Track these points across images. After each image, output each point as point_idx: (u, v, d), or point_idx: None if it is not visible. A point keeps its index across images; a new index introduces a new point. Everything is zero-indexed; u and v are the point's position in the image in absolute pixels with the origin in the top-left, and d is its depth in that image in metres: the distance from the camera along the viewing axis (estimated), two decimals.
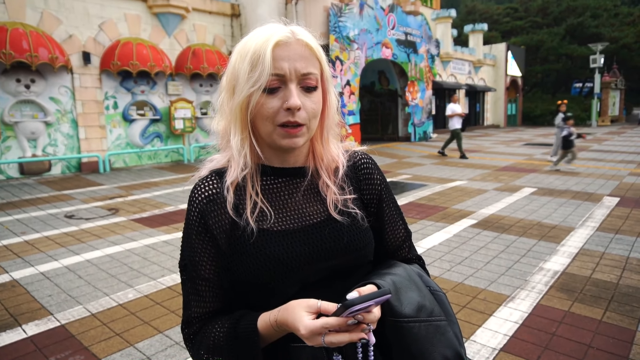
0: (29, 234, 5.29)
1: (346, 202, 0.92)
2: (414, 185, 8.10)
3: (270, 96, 0.82)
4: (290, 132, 0.83)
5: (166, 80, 11.71)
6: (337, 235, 0.88)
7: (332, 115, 0.92)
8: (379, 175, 1.00)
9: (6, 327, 2.95)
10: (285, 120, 0.82)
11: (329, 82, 0.89)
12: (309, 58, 0.84)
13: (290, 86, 0.81)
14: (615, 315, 2.96)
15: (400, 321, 0.81)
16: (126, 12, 10.90)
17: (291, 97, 0.81)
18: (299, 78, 0.82)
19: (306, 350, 0.82)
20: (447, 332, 0.86)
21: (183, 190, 7.92)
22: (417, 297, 0.86)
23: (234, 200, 0.87)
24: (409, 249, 1.03)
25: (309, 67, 0.83)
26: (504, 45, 28.09)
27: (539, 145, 15.53)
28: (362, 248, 0.90)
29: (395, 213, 1.01)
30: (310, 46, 0.84)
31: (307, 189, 0.92)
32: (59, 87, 9.92)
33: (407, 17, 16.07)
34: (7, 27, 8.65)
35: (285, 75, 0.81)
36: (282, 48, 0.81)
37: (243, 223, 0.85)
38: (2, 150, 9.27)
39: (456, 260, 4.13)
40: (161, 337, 2.80)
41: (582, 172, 9.17)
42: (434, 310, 0.86)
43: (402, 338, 0.82)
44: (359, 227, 0.91)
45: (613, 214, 5.69)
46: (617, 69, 32.34)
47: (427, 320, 0.84)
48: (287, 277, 0.83)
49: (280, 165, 0.91)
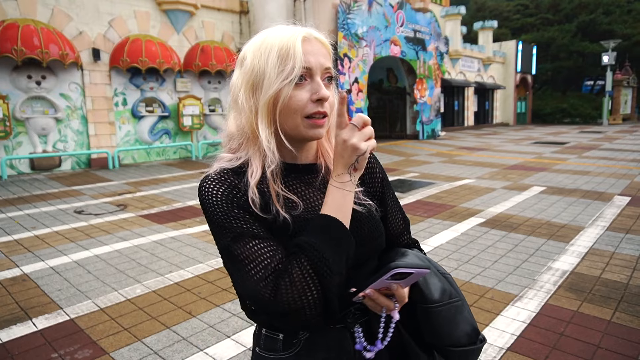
0: (39, 228, 5.35)
1: (358, 195, 0.94)
2: (422, 183, 8.07)
3: (298, 89, 0.85)
4: (317, 122, 0.87)
5: (175, 77, 11.76)
6: (359, 226, 0.91)
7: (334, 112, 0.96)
8: (379, 168, 1.05)
9: (17, 321, 2.99)
10: (315, 111, 0.86)
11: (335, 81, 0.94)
12: (326, 55, 0.89)
13: (317, 79, 0.86)
14: (625, 316, 2.92)
15: (430, 307, 0.90)
16: (136, 9, 10.96)
17: (321, 89, 0.85)
18: (322, 72, 0.87)
19: (330, 332, 0.91)
20: (464, 310, 0.95)
21: (191, 187, 7.97)
22: (439, 282, 0.94)
23: (258, 200, 0.86)
24: (408, 235, 1.10)
25: (328, 62, 0.89)
26: (514, 42, 27.81)
27: (549, 143, 15.38)
28: (379, 237, 0.96)
29: (394, 203, 1.07)
30: (326, 45, 0.90)
31: (320, 184, 0.95)
32: (69, 83, 10.01)
33: (416, 14, 15.96)
34: (18, 24, 8.74)
35: (312, 68, 0.85)
36: (307, 43, 0.86)
37: (273, 213, 0.86)
38: (14, 145, 9.39)
39: (464, 259, 4.11)
40: (168, 333, 2.82)
41: (592, 171, 9.07)
42: (452, 293, 0.95)
43: (432, 320, 0.91)
44: (374, 217, 0.96)
45: (624, 214, 5.62)
46: (630, 66, 31.87)
47: (449, 303, 0.93)
48: None
49: (292, 161, 0.94)
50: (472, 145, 14.88)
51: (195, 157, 12.22)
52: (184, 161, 11.75)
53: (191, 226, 5.37)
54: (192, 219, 5.69)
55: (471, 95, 24.61)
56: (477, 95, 25.50)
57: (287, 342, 0.92)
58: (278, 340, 0.93)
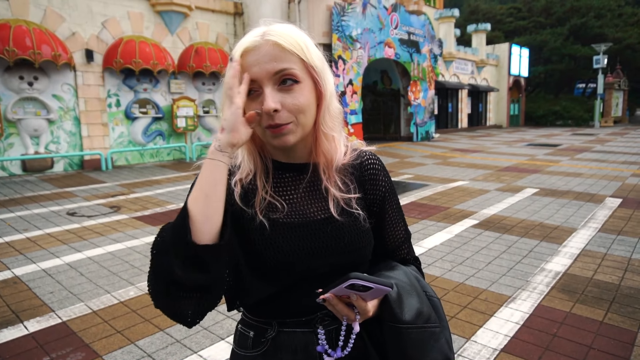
0: (31, 230, 5.30)
1: (350, 202, 0.92)
2: (416, 185, 8.09)
3: (251, 101, 0.83)
4: (275, 132, 0.83)
5: (169, 79, 11.72)
6: (339, 235, 0.89)
7: (328, 105, 0.89)
8: (385, 177, 0.99)
9: (8, 324, 2.96)
10: (267, 123, 0.83)
11: (319, 72, 0.86)
12: (279, 55, 0.82)
13: (265, 90, 0.81)
14: (617, 317, 2.95)
15: (398, 327, 0.84)
16: (129, 10, 10.91)
17: (265, 101, 0.81)
18: (273, 79, 0.82)
19: (297, 334, 0.90)
20: (440, 339, 0.89)
21: (185, 189, 7.93)
22: (417, 303, 0.88)
23: (242, 192, 0.90)
24: (407, 250, 1.04)
25: (282, 64, 0.81)
26: (507, 45, 28.02)
27: (542, 145, 15.50)
28: (362, 248, 0.92)
29: (396, 214, 1.01)
30: (279, 44, 0.82)
31: (309, 185, 0.93)
32: (61, 84, 9.94)
33: (410, 16, 16.04)
34: (10, 25, 8.67)
35: (257, 79, 0.81)
36: (250, 54, 0.82)
37: (252, 211, 0.88)
38: (5, 147, 9.30)
39: (457, 260, 4.12)
40: (162, 335, 2.80)
41: (584, 173, 9.15)
42: (431, 317, 0.89)
43: (399, 341, 0.85)
44: (359, 227, 0.92)
45: (615, 215, 5.67)
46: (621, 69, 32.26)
47: (423, 327, 0.87)
48: (286, 267, 0.86)
49: (286, 160, 0.93)
50: (465, 147, 14.95)
51: (189, 158, 12.17)
52: (177, 163, 11.70)
53: None
54: None
55: (465, 98, 24.73)
56: (470, 98, 25.63)
57: (256, 340, 0.93)
58: (249, 337, 0.94)
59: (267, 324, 0.92)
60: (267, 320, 0.93)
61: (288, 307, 0.91)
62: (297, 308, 0.90)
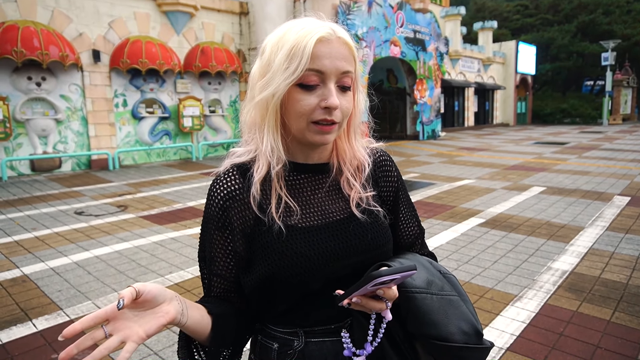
0: (39, 230, 5.36)
1: (368, 200, 0.92)
2: (422, 183, 8.07)
3: (307, 93, 0.81)
4: (324, 129, 0.83)
5: (175, 78, 11.77)
6: (362, 233, 0.89)
7: (359, 114, 0.92)
8: (396, 172, 1.01)
9: (17, 322, 3.00)
10: (322, 118, 0.81)
11: (359, 82, 0.89)
12: (347, 57, 0.83)
13: (330, 85, 0.81)
14: (624, 316, 2.93)
15: (411, 291, 0.83)
16: (136, 10, 10.97)
17: (331, 97, 0.80)
18: (338, 77, 0.82)
19: (326, 344, 0.88)
20: (461, 306, 0.87)
21: (191, 188, 7.97)
22: (426, 274, 0.87)
23: (259, 197, 0.86)
24: (421, 245, 1.04)
25: (348, 65, 0.83)
26: (514, 42, 27.83)
27: (549, 144, 15.38)
28: (384, 245, 0.91)
29: (409, 210, 1.02)
30: (349, 45, 0.84)
31: (330, 185, 0.93)
32: (69, 84, 10.02)
33: (415, 14, 15.97)
34: (18, 26, 8.75)
35: (326, 72, 0.80)
36: (324, 45, 0.80)
37: (268, 219, 0.85)
38: (14, 147, 9.40)
39: (463, 259, 4.11)
40: (168, 333, 2.82)
41: (592, 171, 9.07)
42: (444, 287, 0.88)
43: (416, 308, 0.83)
44: (381, 224, 0.92)
45: (623, 214, 5.62)
46: (629, 66, 31.86)
47: (438, 294, 0.85)
48: (313, 273, 0.83)
49: (304, 161, 0.91)
50: (472, 146, 14.88)
51: (196, 158, 12.22)
52: (184, 162, 11.75)
53: (191, 227, 5.37)
54: (192, 220, 5.69)
55: (471, 96, 24.61)
56: (477, 96, 25.50)
57: (281, 352, 0.89)
58: (272, 350, 0.91)
59: (293, 334, 0.89)
60: (292, 330, 0.89)
61: (314, 314, 0.88)
62: (323, 314, 0.88)
